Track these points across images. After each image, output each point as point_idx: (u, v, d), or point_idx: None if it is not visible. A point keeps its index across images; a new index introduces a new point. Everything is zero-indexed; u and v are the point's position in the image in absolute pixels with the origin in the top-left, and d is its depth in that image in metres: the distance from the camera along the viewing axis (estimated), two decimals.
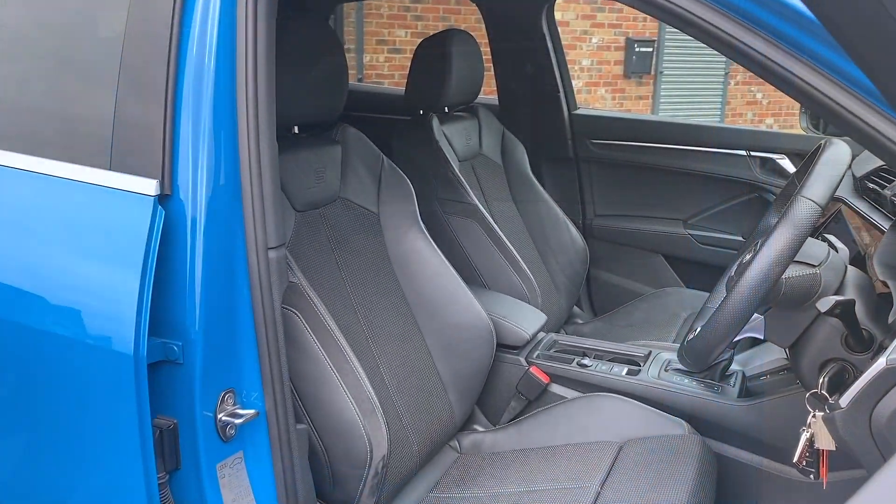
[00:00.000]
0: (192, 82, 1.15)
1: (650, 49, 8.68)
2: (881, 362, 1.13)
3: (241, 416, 1.20)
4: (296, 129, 1.72)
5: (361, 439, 1.43)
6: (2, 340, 1.23)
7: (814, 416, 1.29)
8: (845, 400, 1.18)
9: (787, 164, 2.51)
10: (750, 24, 1.00)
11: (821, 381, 1.30)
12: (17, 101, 1.33)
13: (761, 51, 1.00)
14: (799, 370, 1.39)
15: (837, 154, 1.32)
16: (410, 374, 1.77)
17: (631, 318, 2.56)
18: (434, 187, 2.20)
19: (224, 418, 1.19)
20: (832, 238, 1.52)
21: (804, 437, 1.30)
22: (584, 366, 1.90)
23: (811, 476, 1.36)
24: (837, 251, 1.42)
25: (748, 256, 1.28)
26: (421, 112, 2.30)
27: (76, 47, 1.28)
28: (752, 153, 2.55)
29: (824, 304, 1.21)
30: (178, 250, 1.15)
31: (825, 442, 1.27)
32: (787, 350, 1.47)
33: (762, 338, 1.43)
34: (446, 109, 2.47)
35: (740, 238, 2.59)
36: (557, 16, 5.11)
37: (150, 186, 1.14)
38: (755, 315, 1.33)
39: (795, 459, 1.32)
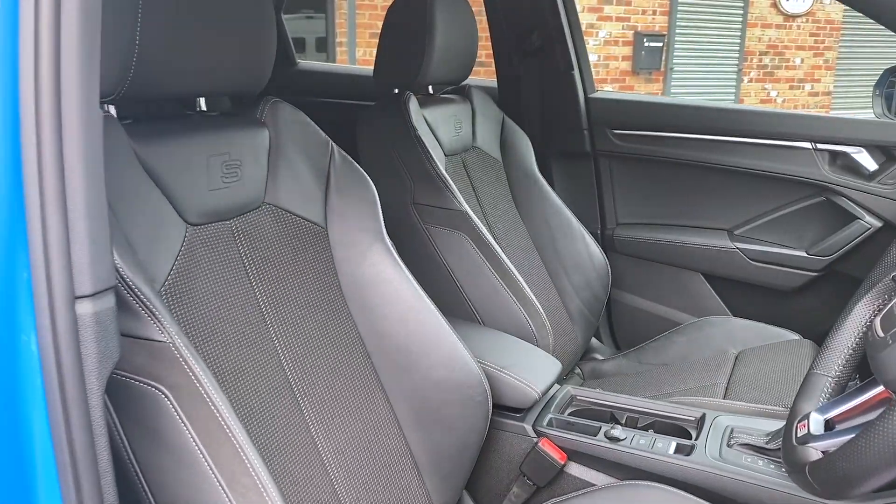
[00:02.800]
0: None
1: (660, 44, 8.42)
2: None
3: None
4: (201, 105, 1.19)
5: None
6: None
7: None
8: None
9: (866, 159, 1.96)
10: None
11: None
12: None
13: None
14: None
15: None
16: (367, 456, 1.23)
17: (665, 355, 2.02)
18: (410, 189, 1.66)
19: None
20: None
21: None
22: (616, 438, 1.35)
23: None
24: None
25: None
26: (396, 92, 1.76)
27: None
28: (820, 145, 2.01)
29: None
30: None
31: None
32: None
33: None
34: (430, 90, 1.94)
35: (803, 253, 2.04)
36: None
37: None
38: None
39: None
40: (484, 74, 2.65)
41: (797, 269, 2.05)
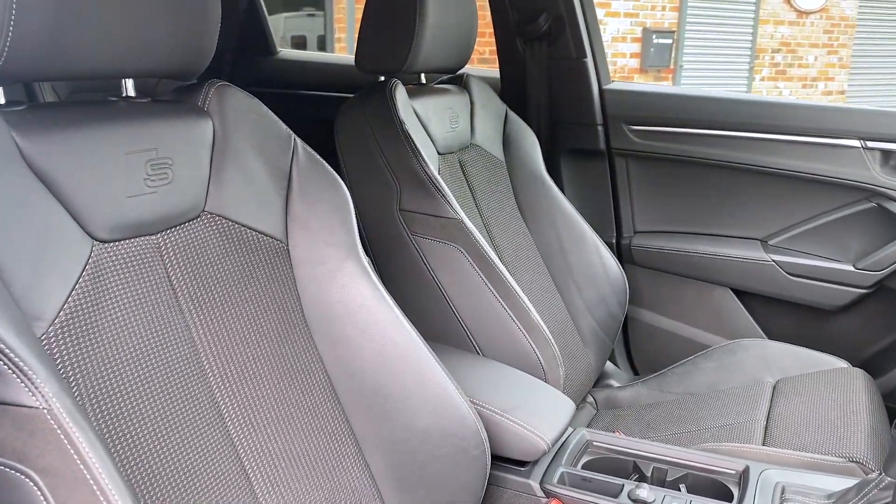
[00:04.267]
0: None
1: (669, 41, 8.23)
2: None
3: None
4: (127, 89, 0.94)
5: None
6: None
7: None
8: None
9: None
10: None
11: None
12: None
13: None
14: None
15: None
16: None
17: (690, 383, 1.77)
18: (395, 193, 1.41)
19: None
20: None
21: None
22: (642, 502, 1.10)
23: None
24: None
25: None
26: (382, 80, 1.51)
27: None
28: (870, 143, 1.75)
29: None
30: None
31: None
32: None
33: None
34: (423, 79, 1.69)
35: (850, 267, 1.79)
36: None
37: None
38: None
39: None
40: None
41: (843, 286, 1.79)
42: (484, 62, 6.87)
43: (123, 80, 0.94)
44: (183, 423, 0.86)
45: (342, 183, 1.09)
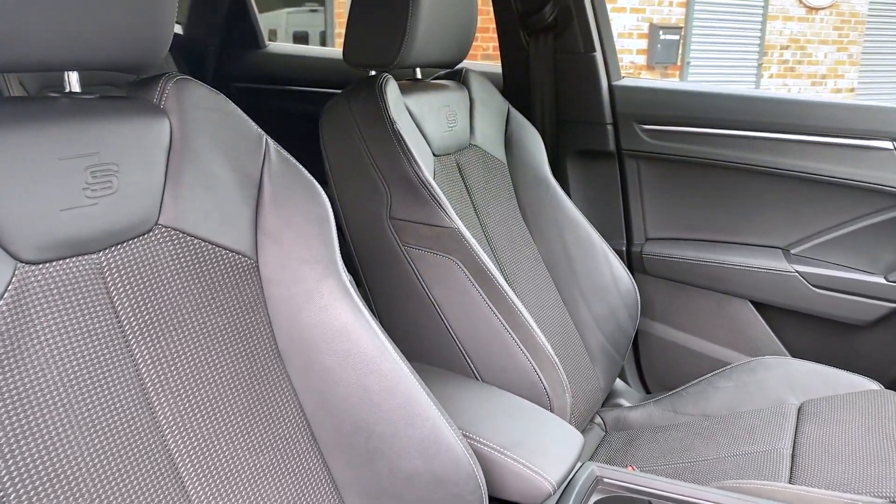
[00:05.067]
0: None
1: (676, 37, 8.13)
2: None
3: None
4: (71, 84, 0.82)
5: None
6: None
7: None
8: None
9: None
10: None
11: None
12: None
13: None
14: None
15: None
16: None
17: (706, 404, 1.63)
18: (385, 199, 1.27)
19: None
20: None
21: None
22: None
23: None
24: None
25: None
26: (372, 75, 1.38)
27: None
28: None
29: None
30: None
31: None
32: None
33: None
34: (418, 74, 1.56)
35: (880, 280, 1.65)
36: None
37: None
38: None
39: None
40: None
41: (872, 299, 1.66)
42: (486, 58, 6.74)
43: (66, 74, 0.82)
44: (127, 476, 0.73)
45: (321, 191, 0.96)
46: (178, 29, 2.37)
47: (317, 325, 0.92)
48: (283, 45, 2.38)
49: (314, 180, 0.96)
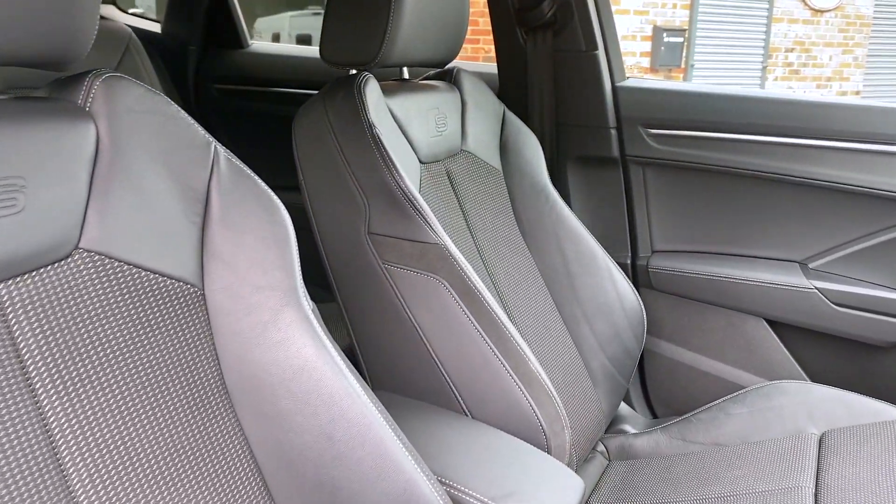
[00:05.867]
0: None
1: (680, 39, 8.10)
2: None
3: None
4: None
5: None
6: None
7: None
8: None
9: None
10: None
11: None
12: None
13: None
14: None
15: None
16: None
17: (718, 432, 1.51)
18: (363, 212, 1.15)
19: None
20: None
21: None
22: None
23: None
24: None
25: None
26: (353, 73, 1.25)
27: None
28: None
29: None
30: None
31: None
32: None
33: None
34: (405, 73, 1.43)
35: None
36: None
37: None
38: None
39: None
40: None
41: None
42: (490, 59, 6.64)
43: None
44: None
45: (280, 206, 0.83)
46: (155, 27, 2.24)
47: (273, 362, 0.79)
48: (267, 45, 2.26)
49: (272, 194, 0.83)
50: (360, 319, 1.17)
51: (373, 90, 1.20)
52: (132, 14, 2.31)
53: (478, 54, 6.64)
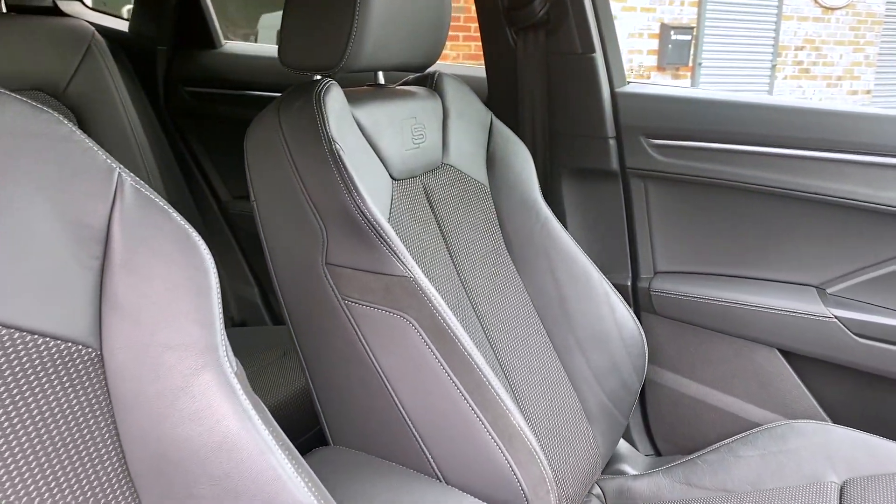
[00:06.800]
0: None
1: (688, 37, 8.02)
2: None
3: None
4: None
5: None
6: None
7: None
8: None
9: None
10: None
11: None
12: None
13: None
14: None
15: None
16: None
17: (727, 477, 1.37)
18: (320, 240, 1.00)
19: None
20: None
21: None
22: None
23: None
24: None
25: None
26: (317, 79, 1.11)
27: None
28: None
29: None
30: None
31: None
32: None
33: None
34: (380, 79, 1.29)
35: None
36: None
37: None
38: None
39: None
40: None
41: None
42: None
43: None
44: None
45: (199, 244, 0.69)
46: (122, 26, 2.10)
47: (186, 438, 0.65)
48: (241, 45, 2.12)
49: (190, 230, 0.69)
50: (316, 362, 1.03)
51: (335, 99, 1.06)
52: (96, 11, 2.17)
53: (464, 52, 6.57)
